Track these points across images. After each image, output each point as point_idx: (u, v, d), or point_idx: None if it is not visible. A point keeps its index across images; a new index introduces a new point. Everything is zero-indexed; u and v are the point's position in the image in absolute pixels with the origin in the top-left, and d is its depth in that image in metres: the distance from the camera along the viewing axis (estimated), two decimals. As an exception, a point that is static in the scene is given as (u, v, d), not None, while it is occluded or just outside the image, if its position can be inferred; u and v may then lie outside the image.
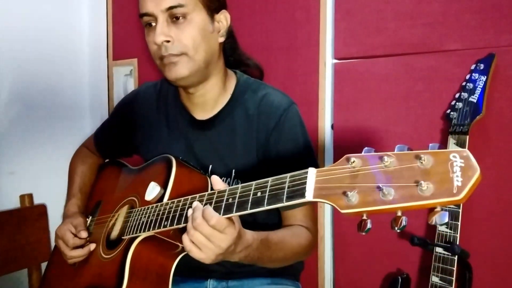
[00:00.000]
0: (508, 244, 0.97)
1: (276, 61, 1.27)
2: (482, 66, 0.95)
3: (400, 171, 0.45)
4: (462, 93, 0.96)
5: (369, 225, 0.48)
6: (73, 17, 1.66)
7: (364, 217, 0.48)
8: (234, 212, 0.59)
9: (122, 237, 0.79)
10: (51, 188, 1.38)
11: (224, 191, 0.62)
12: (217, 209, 0.61)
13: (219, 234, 0.60)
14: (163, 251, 0.76)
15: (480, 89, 0.94)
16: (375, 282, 1.14)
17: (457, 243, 0.90)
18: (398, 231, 0.45)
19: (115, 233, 0.84)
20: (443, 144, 1.02)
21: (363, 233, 0.48)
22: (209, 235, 0.60)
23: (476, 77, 0.95)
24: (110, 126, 1.05)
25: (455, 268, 0.90)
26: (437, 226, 0.93)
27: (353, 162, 0.48)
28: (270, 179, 0.57)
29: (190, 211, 0.64)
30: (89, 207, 1.01)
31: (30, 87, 1.50)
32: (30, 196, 1.25)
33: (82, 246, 0.87)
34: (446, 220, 0.44)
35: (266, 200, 0.56)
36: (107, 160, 1.11)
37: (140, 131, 0.97)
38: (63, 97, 1.61)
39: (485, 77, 0.94)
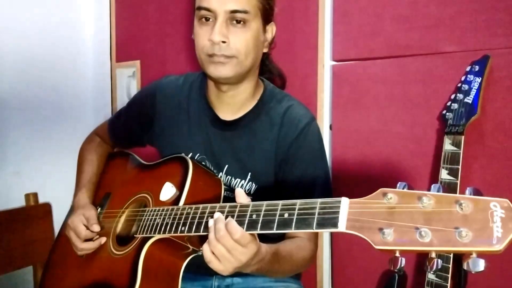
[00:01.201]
0: (502, 242, 0.98)
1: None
2: (477, 68, 0.96)
3: (439, 213, 0.45)
4: (458, 94, 0.97)
5: (402, 263, 0.47)
6: (77, 20, 1.68)
7: (397, 255, 0.47)
8: (258, 229, 0.58)
9: (135, 235, 0.79)
10: (56, 187, 1.41)
11: (248, 205, 0.62)
12: (239, 223, 0.60)
13: (241, 248, 0.61)
14: (174, 252, 0.77)
15: (475, 90, 0.95)
16: (373, 279, 1.15)
17: (453, 241, 0.92)
18: (432, 272, 0.46)
19: (126, 229, 0.85)
20: (439, 144, 1.04)
21: (396, 270, 0.48)
22: (231, 248, 0.60)
23: (471, 79, 0.96)
24: (128, 115, 1.04)
25: (450, 266, 0.90)
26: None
27: (390, 198, 0.48)
28: (298, 201, 0.57)
29: (211, 222, 0.63)
30: (97, 198, 1.00)
31: (36, 88, 1.52)
32: (35, 195, 1.27)
33: (93, 239, 0.87)
34: (481, 269, 0.43)
35: (294, 224, 0.55)
36: (116, 149, 1.10)
37: (159, 124, 0.97)
38: (68, 98, 1.64)
39: (480, 78, 0.95)
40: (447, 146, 0.94)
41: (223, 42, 0.79)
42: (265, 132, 0.88)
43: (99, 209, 0.95)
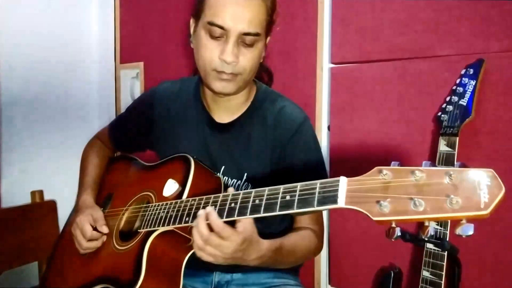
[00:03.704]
0: (494, 241, 1.00)
1: (276, 65, 1.30)
2: (471, 71, 0.97)
3: (430, 185, 0.48)
4: (453, 97, 0.98)
5: (398, 233, 0.51)
6: (83, 23, 1.71)
7: (393, 225, 0.50)
8: (261, 213, 0.61)
9: (138, 230, 0.80)
10: (61, 185, 1.42)
11: (250, 192, 0.64)
12: (243, 209, 0.63)
13: (224, 242, 0.66)
14: (177, 245, 0.78)
15: (469, 93, 0.96)
16: (369, 276, 1.17)
17: (447, 239, 0.92)
18: (426, 239, 0.49)
19: (128, 226, 0.86)
20: (434, 145, 1.06)
21: (392, 240, 0.51)
22: (216, 245, 0.66)
23: (466, 82, 0.97)
24: (127, 120, 1.06)
25: (445, 263, 0.92)
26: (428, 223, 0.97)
27: (385, 174, 0.50)
28: (298, 184, 0.59)
29: (195, 223, 0.67)
30: (99, 199, 1.01)
31: (42, 88, 1.54)
32: (41, 192, 1.28)
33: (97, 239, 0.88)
34: (471, 232, 0.47)
35: (295, 204, 0.57)
36: (117, 153, 1.13)
37: (157, 129, 0.99)
38: (73, 98, 1.66)
39: (475, 81, 0.96)
40: (442, 147, 0.96)
41: (234, 62, 0.79)
42: (259, 133, 0.90)
43: (101, 209, 0.97)
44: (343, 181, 0.54)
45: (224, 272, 0.94)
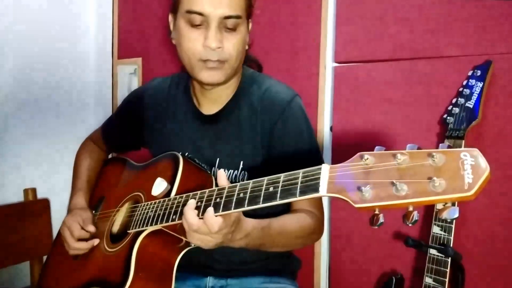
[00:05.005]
0: (499, 247, 0.98)
1: (278, 64, 1.29)
2: (479, 73, 0.96)
3: (413, 168, 0.45)
4: (459, 99, 0.97)
5: (381, 220, 0.49)
6: (80, 17, 1.69)
7: (377, 212, 0.48)
8: (245, 206, 0.60)
9: (128, 231, 0.80)
10: (55, 183, 1.41)
11: (235, 186, 0.63)
12: (228, 203, 0.62)
13: (216, 234, 0.64)
14: (168, 246, 0.77)
15: (476, 95, 0.95)
16: (370, 282, 1.16)
17: (451, 245, 0.91)
18: (410, 225, 0.47)
19: (119, 227, 0.85)
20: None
21: (376, 227, 0.49)
22: (207, 233, 0.64)
23: (473, 83, 0.96)
24: (119, 119, 1.06)
25: (448, 270, 0.91)
26: (432, 228, 0.94)
27: (367, 159, 0.48)
28: (282, 174, 0.58)
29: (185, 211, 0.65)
30: (92, 202, 1.01)
31: (37, 84, 1.52)
32: (34, 190, 1.27)
33: (86, 240, 0.88)
34: (456, 215, 0.45)
35: (278, 195, 0.56)
36: (111, 154, 1.12)
37: (149, 125, 0.98)
38: (69, 94, 1.64)
39: (482, 83, 0.95)
40: (447, 150, 0.95)
41: (218, 47, 0.78)
42: (247, 119, 0.87)
43: (93, 212, 0.97)
44: (325, 168, 0.53)
45: (218, 276, 0.92)
